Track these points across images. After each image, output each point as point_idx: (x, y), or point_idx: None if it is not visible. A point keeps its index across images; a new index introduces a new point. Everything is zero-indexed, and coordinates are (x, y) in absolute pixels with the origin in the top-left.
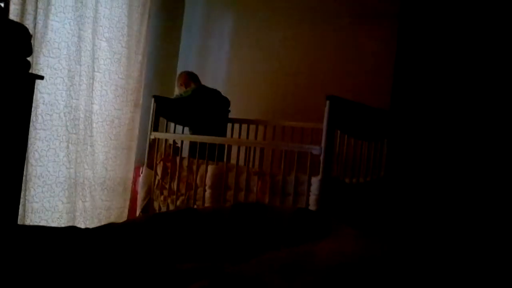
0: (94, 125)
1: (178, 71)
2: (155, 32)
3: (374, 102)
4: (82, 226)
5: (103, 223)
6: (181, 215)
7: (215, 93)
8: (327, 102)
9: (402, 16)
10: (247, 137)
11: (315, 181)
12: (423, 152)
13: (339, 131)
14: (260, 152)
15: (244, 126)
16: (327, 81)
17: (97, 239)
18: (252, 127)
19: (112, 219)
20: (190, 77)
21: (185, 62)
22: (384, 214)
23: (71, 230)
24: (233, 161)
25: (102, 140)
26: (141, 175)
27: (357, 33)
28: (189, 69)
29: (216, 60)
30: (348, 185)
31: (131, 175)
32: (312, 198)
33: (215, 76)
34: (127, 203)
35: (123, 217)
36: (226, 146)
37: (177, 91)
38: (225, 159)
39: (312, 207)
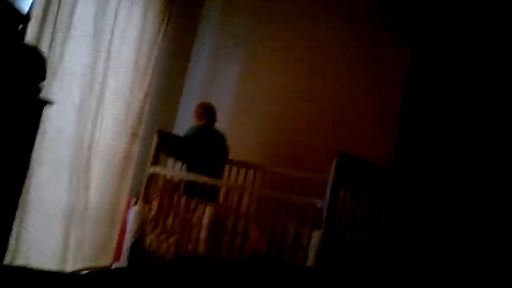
0: (92, 153)
1: (182, 105)
2: (162, 66)
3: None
4: (71, 255)
5: (88, 252)
6: (200, 262)
7: (218, 138)
8: (335, 158)
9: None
10: (243, 181)
11: (316, 235)
12: (425, 212)
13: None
14: (261, 200)
15: (243, 170)
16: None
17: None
18: (253, 170)
19: (98, 248)
20: (205, 112)
21: (189, 97)
22: (381, 272)
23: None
24: (233, 205)
25: (95, 168)
26: (134, 208)
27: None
28: (192, 104)
29: (220, 97)
30: (347, 241)
31: (122, 205)
32: (311, 252)
33: (218, 113)
34: (115, 233)
35: (110, 247)
36: (225, 189)
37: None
38: (221, 201)
39: (310, 260)
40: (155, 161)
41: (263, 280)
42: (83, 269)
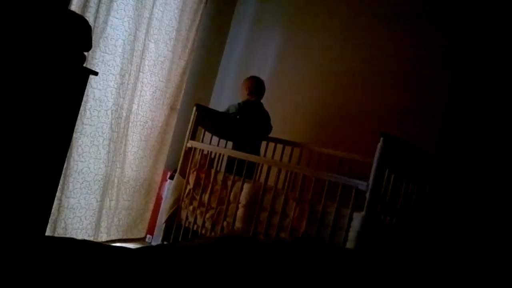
0: (130, 124)
1: (218, 81)
2: (201, 40)
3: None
4: (104, 225)
5: (121, 223)
6: (244, 243)
7: (265, 115)
8: (381, 139)
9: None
10: (280, 158)
11: (357, 216)
12: (468, 198)
13: (387, 169)
14: (302, 178)
15: (288, 148)
16: (377, 111)
17: (161, 259)
18: (295, 149)
19: (131, 219)
20: (257, 87)
21: (225, 73)
22: (420, 257)
23: (127, 250)
24: (270, 182)
25: (133, 140)
26: (172, 181)
27: (412, 59)
28: (228, 81)
29: (257, 73)
30: (388, 225)
31: (157, 178)
32: (352, 234)
33: None
34: (150, 205)
35: (144, 219)
36: (265, 166)
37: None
38: (261, 178)
39: (350, 243)
40: (193, 135)
41: (312, 263)
42: (117, 240)
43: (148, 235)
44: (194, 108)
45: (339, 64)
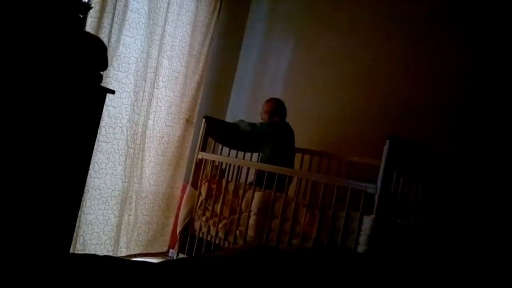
0: (146, 140)
1: (233, 93)
2: (215, 54)
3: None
4: (124, 240)
5: (141, 238)
6: (265, 253)
7: (289, 133)
8: (387, 141)
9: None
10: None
11: (367, 220)
12: (482, 200)
13: (395, 172)
14: (312, 184)
15: (297, 156)
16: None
17: (184, 273)
18: (306, 156)
19: (151, 234)
20: (276, 110)
21: (240, 85)
22: (432, 258)
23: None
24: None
25: (150, 155)
26: (185, 193)
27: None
28: (244, 93)
29: (271, 83)
30: (399, 226)
31: (177, 192)
32: (363, 238)
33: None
34: (170, 220)
35: (165, 233)
36: (276, 175)
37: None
38: (274, 187)
39: (362, 246)
40: (203, 147)
41: (334, 271)
42: (138, 255)
43: (171, 250)
44: (203, 120)
45: (350, 66)
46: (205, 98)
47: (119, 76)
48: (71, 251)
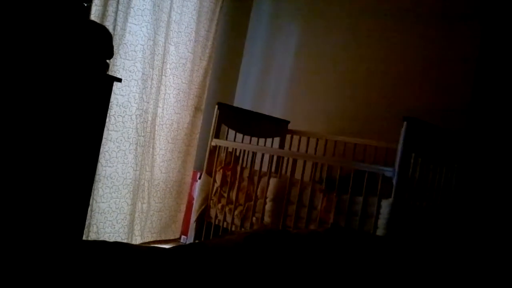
0: (156, 128)
1: (240, 79)
2: (221, 39)
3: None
4: (138, 228)
5: (154, 225)
6: (276, 236)
7: None
8: (404, 123)
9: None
10: (315, 152)
11: (385, 204)
12: (498, 178)
13: (413, 154)
14: (328, 169)
15: (313, 140)
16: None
17: (193, 257)
18: (319, 141)
19: (163, 221)
20: None
21: (247, 71)
22: (452, 240)
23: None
24: (297, 175)
25: (160, 142)
26: (199, 181)
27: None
28: (251, 79)
29: (279, 69)
30: (418, 209)
31: (187, 179)
32: (382, 221)
33: (278, 85)
34: (182, 207)
35: (177, 220)
36: (291, 159)
37: None
38: (287, 172)
39: (380, 230)
40: (217, 134)
41: (346, 253)
42: (152, 242)
43: (182, 236)
44: (216, 107)
45: (359, 51)
46: (213, 84)
47: (127, 64)
48: (86, 239)
